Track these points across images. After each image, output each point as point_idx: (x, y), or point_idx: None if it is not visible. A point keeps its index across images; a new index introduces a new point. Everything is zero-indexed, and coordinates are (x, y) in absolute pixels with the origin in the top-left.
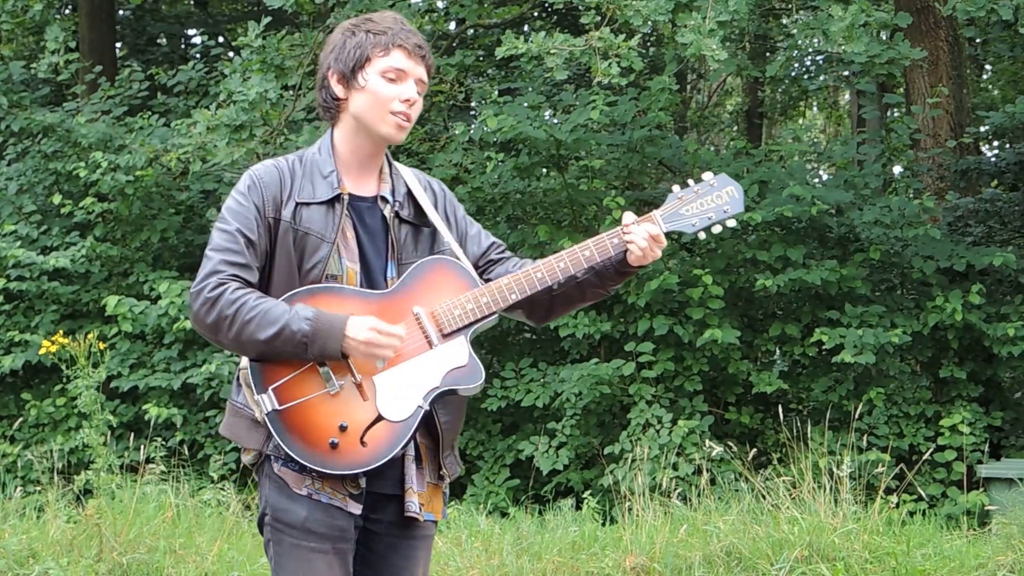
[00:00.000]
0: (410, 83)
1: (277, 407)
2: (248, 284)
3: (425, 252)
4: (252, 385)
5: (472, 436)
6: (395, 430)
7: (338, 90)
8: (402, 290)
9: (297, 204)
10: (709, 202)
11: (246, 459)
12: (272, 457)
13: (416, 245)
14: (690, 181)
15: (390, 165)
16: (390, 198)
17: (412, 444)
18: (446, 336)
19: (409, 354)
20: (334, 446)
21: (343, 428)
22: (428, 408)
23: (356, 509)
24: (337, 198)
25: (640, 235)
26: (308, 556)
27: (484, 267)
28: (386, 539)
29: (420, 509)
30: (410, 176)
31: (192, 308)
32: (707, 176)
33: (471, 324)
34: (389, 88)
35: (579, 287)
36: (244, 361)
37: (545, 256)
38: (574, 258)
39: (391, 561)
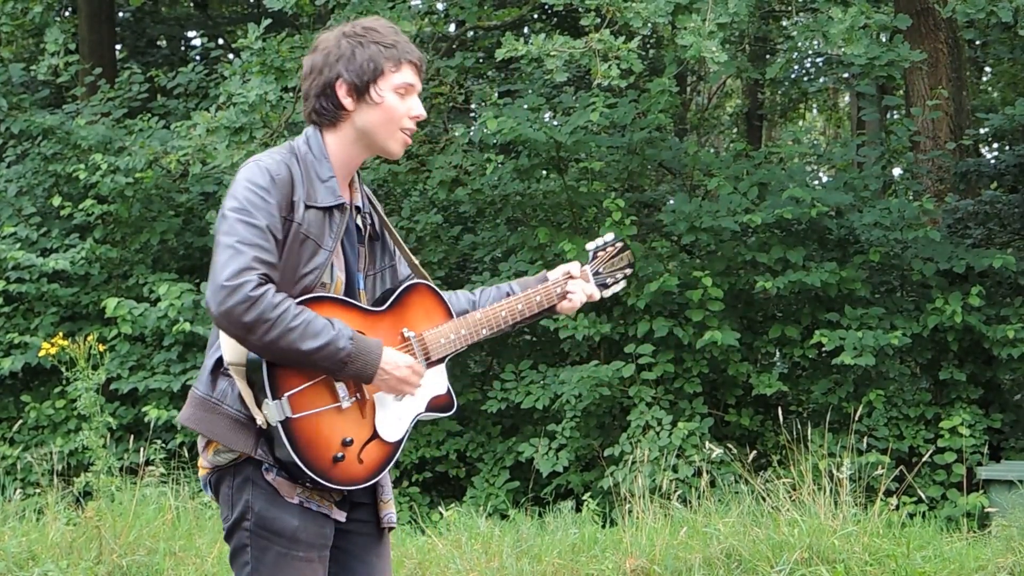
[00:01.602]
0: (416, 98)
1: (291, 415)
2: (276, 286)
3: (380, 264)
4: (266, 388)
5: (472, 438)
6: (387, 450)
7: (347, 102)
8: (392, 310)
9: (305, 206)
10: (616, 263)
11: (219, 459)
12: (265, 466)
13: (373, 257)
14: (600, 240)
15: (358, 175)
16: (362, 208)
17: None
18: (431, 364)
19: None
20: (337, 460)
21: (347, 443)
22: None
23: (341, 516)
24: (339, 207)
25: (585, 291)
26: (296, 565)
27: None
28: (360, 539)
29: (396, 519)
30: (366, 187)
31: (225, 302)
32: (609, 237)
33: (451, 354)
34: (402, 104)
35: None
36: (231, 356)
37: (545, 260)
38: (529, 303)
39: (364, 559)
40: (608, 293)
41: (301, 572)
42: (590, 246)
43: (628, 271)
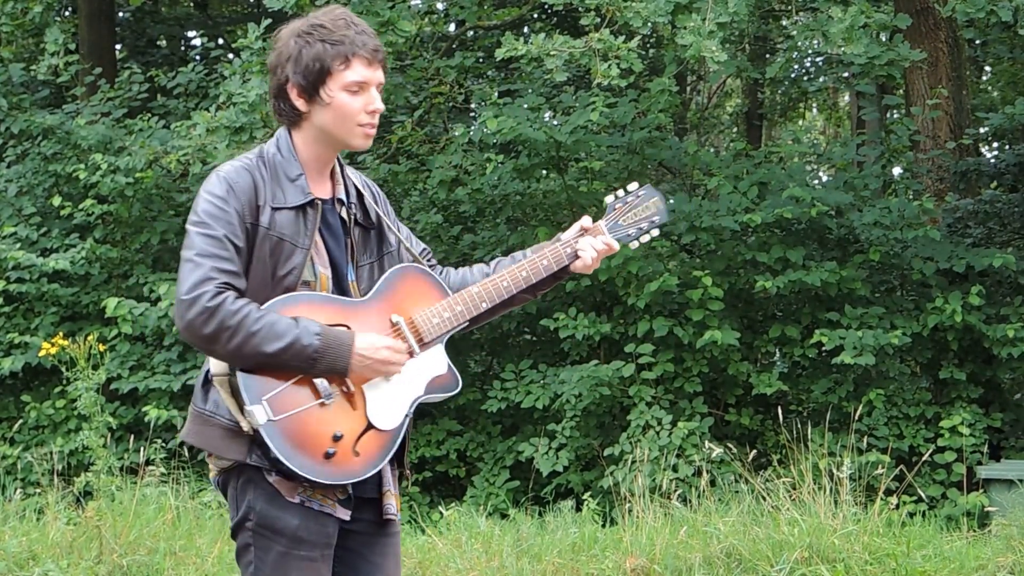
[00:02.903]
0: (372, 92)
1: (272, 418)
2: (240, 293)
3: (374, 253)
4: (243, 395)
5: (472, 438)
6: (384, 439)
7: (299, 103)
8: (377, 298)
9: (272, 209)
10: (640, 212)
11: (221, 463)
12: (264, 469)
13: (366, 246)
14: (620, 192)
15: (341, 167)
16: (345, 200)
17: None
18: (424, 345)
19: None
20: (329, 456)
21: (337, 438)
22: (412, 416)
23: (345, 515)
24: (310, 204)
25: (595, 247)
26: (298, 564)
27: None
28: (364, 537)
29: (396, 510)
30: (355, 177)
31: (185, 316)
32: (632, 187)
33: (448, 332)
34: (355, 101)
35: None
36: (215, 368)
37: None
38: (534, 268)
39: (369, 559)
40: (634, 244)
41: (303, 571)
42: (609, 198)
43: (657, 219)
